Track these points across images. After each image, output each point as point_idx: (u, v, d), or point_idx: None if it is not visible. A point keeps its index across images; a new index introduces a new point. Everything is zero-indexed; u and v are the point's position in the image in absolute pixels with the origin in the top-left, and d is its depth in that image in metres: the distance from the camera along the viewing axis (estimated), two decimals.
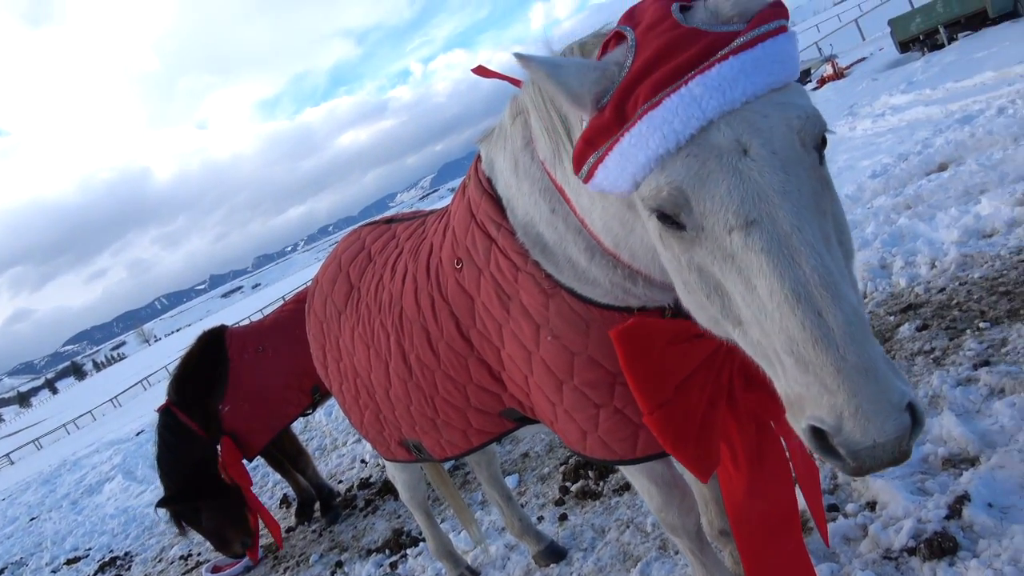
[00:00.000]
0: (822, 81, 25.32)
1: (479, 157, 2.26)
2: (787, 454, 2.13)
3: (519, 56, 1.33)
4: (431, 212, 3.00)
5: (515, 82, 2.11)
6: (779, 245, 1.15)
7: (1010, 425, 3.02)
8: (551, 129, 1.75)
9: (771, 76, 1.22)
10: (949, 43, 20.33)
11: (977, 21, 19.76)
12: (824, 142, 1.28)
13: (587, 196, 1.74)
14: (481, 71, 2.28)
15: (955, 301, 4.44)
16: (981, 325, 3.98)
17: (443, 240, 2.40)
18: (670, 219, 1.29)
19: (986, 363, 3.58)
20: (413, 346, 2.51)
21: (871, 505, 2.99)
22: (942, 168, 7.49)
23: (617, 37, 1.38)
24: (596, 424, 2.07)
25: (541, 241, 1.97)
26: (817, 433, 1.18)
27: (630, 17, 1.38)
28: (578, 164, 1.43)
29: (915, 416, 1.13)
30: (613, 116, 1.29)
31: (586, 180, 1.44)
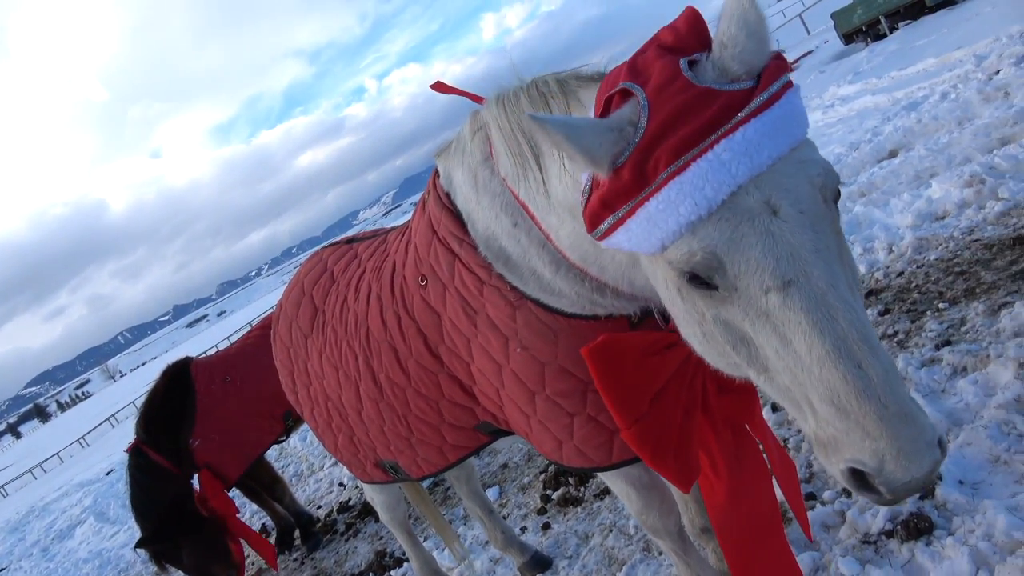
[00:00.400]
0: None
1: (437, 172, 2.25)
2: (763, 454, 2.15)
3: (533, 119, 1.28)
4: (392, 229, 2.98)
5: (474, 98, 2.11)
6: (817, 304, 1.18)
7: (974, 402, 3.08)
8: (517, 152, 1.75)
9: (791, 136, 1.25)
10: (891, 32, 20.82)
11: (916, 10, 20.27)
12: (839, 195, 1.31)
13: (555, 216, 1.75)
14: (440, 87, 2.28)
15: (914, 284, 4.54)
16: (940, 306, 4.07)
17: (406, 257, 2.39)
18: (699, 279, 1.29)
19: (947, 343, 3.66)
20: (382, 365, 2.49)
21: (847, 491, 3.02)
22: (892, 155, 7.67)
23: (624, 94, 1.34)
24: (571, 433, 2.06)
25: (504, 254, 1.97)
26: (856, 473, 1.23)
27: (635, 73, 1.34)
28: (593, 223, 1.41)
29: (942, 448, 1.20)
30: (633, 179, 1.27)
31: (601, 238, 1.42)
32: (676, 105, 1.23)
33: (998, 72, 8.52)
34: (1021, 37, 9.67)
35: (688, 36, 1.34)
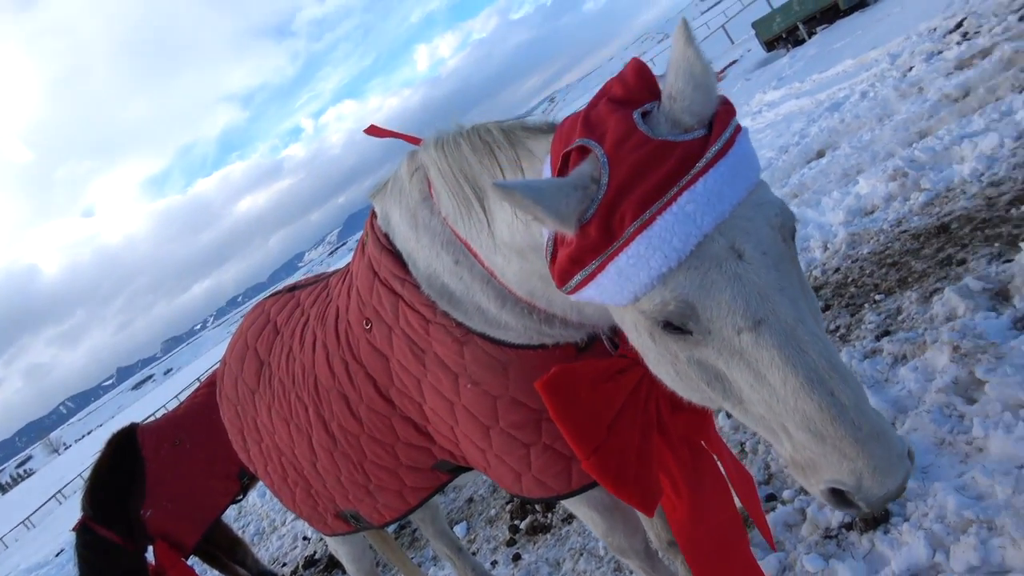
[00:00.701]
0: None
1: (374, 213, 2.25)
2: (721, 469, 2.18)
3: (497, 187, 1.29)
4: (334, 273, 2.95)
5: (410, 139, 2.12)
6: (787, 339, 1.23)
7: (916, 388, 3.17)
8: (460, 195, 1.77)
9: (747, 181, 1.30)
10: (809, 37, 21.68)
11: (831, 14, 21.17)
12: (795, 231, 1.37)
13: (501, 256, 1.77)
14: (374, 131, 2.28)
15: (850, 279, 4.68)
16: (876, 298, 4.20)
17: (348, 302, 2.37)
18: (673, 325, 1.32)
19: (886, 333, 3.77)
20: (333, 414, 2.45)
21: (803, 490, 3.07)
22: (820, 155, 7.93)
23: (581, 151, 1.36)
24: (528, 464, 2.06)
25: (447, 291, 1.97)
26: (835, 492, 1.28)
27: (590, 128, 1.36)
28: (562, 279, 1.42)
29: (911, 458, 1.27)
30: (600, 235, 1.29)
31: (571, 293, 1.43)
32: (635, 160, 1.26)
33: (911, 69, 8.92)
34: (929, 34, 10.15)
35: (637, 88, 1.37)
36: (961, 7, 10.14)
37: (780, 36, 23.27)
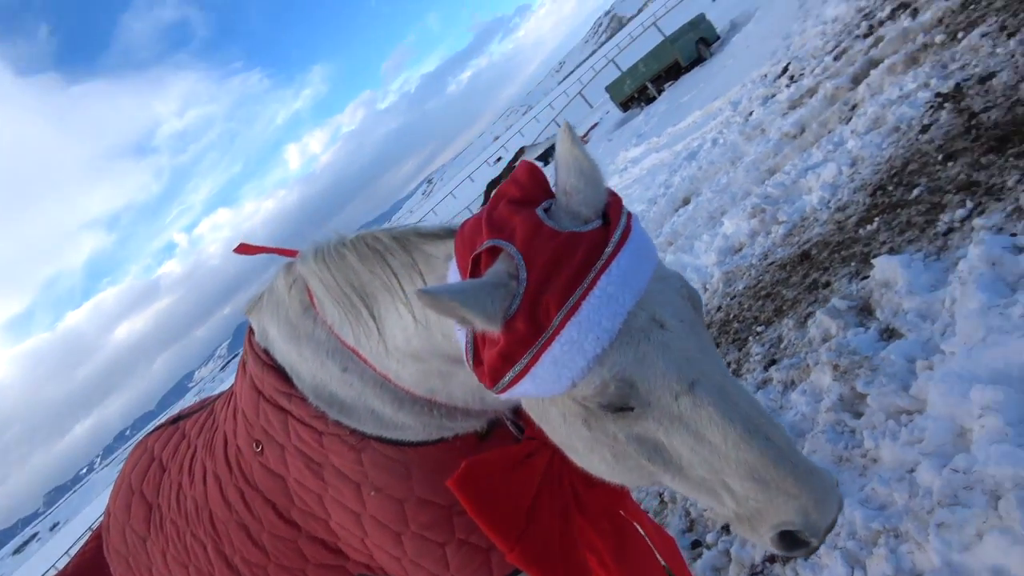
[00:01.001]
0: None
1: (251, 329, 2.18)
2: (644, 535, 2.18)
3: (421, 295, 1.29)
4: (218, 396, 2.81)
5: (285, 252, 2.08)
6: (720, 395, 1.30)
7: (808, 411, 3.33)
8: (347, 305, 1.76)
9: (651, 259, 1.39)
10: (659, 95, 23.23)
11: (674, 71, 22.85)
12: (700, 301, 1.47)
13: (395, 361, 1.75)
14: (244, 250, 2.22)
15: (732, 315, 4.91)
16: (758, 329, 4.42)
17: (235, 425, 2.25)
18: (615, 406, 1.34)
19: (773, 362, 3.97)
20: (235, 548, 2.29)
21: (726, 528, 3.13)
22: (686, 202, 8.41)
23: (491, 251, 1.39)
24: (446, 564, 1.99)
25: (337, 400, 1.91)
26: (785, 535, 1.32)
27: (496, 229, 1.39)
28: (493, 379, 1.41)
29: (837, 485, 1.34)
30: (528, 328, 1.31)
31: (503, 391, 1.43)
32: (550, 252, 1.31)
33: (752, 113, 9.69)
34: (762, 80, 11.10)
35: (532, 188, 1.44)
36: (784, 53, 11.19)
37: (632, 96, 24.83)
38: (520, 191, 1.45)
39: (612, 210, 1.39)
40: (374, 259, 1.76)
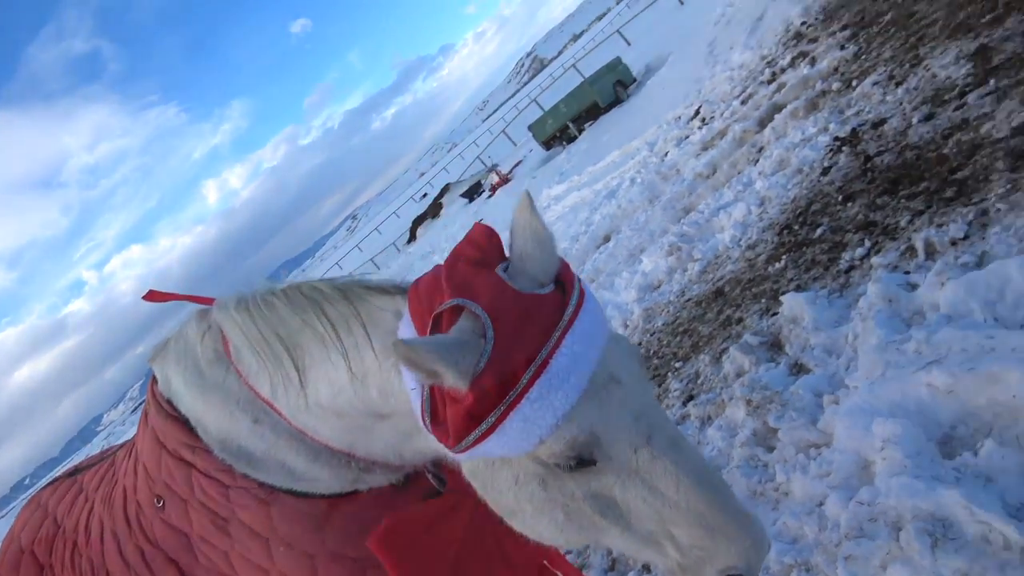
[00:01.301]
0: (493, 189, 28.06)
1: (155, 379, 2.08)
2: None
3: (398, 346, 1.29)
4: (121, 446, 2.66)
5: (199, 300, 1.99)
6: (673, 446, 1.36)
7: (724, 446, 3.41)
8: (267, 354, 1.71)
9: (604, 321, 1.45)
10: (580, 134, 23.83)
11: (594, 111, 23.51)
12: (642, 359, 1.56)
13: (314, 417, 1.71)
14: (154, 297, 2.12)
15: (652, 351, 5.01)
16: (677, 365, 4.52)
17: (136, 480, 2.13)
18: (579, 461, 1.36)
19: (691, 397, 4.05)
20: None
21: (646, 568, 3.14)
22: (607, 240, 8.59)
23: (456, 310, 1.40)
24: None
25: (246, 453, 1.84)
26: None
27: (459, 289, 1.41)
28: (458, 437, 1.40)
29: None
30: (496, 386, 1.32)
31: (466, 450, 1.41)
32: (516, 313, 1.34)
33: (667, 154, 10.03)
34: (676, 122, 11.54)
35: (490, 250, 1.48)
36: (696, 97, 11.68)
37: (555, 135, 25.38)
38: (479, 252, 1.48)
39: (565, 276, 1.45)
40: (309, 308, 1.71)
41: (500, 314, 1.36)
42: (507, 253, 1.49)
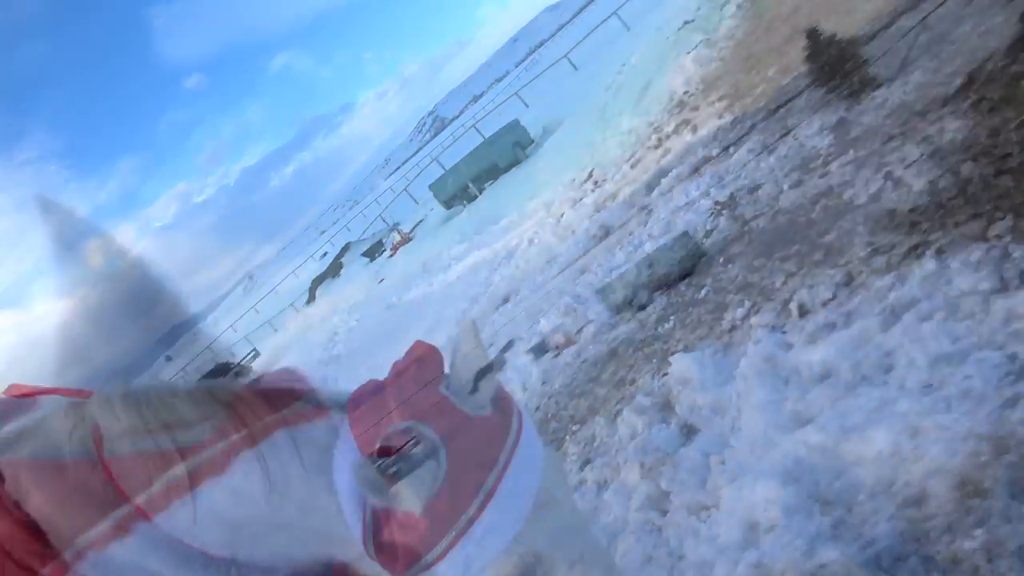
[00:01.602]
0: (395, 248, 27.90)
1: (3, 477, 1.88)
2: None
3: (360, 467, 1.32)
4: None
5: (74, 393, 1.84)
6: (601, 563, 1.43)
7: (620, 511, 3.41)
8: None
9: (540, 442, 1.47)
10: (480, 194, 24.18)
11: (494, 172, 23.98)
12: None
13: (201, 525, 1.60)
14: (16, 392, 1.94)
15: (550, 414, 5.02)
16: (574, 428, 4.54)
17: None
18: None
19: (588, 462, 4.06)
20: None
21: None
22: (506, 300, 8.66)
23: (407, 432, 1.40)
24: None
25: (104, 559, 1.69)
26: None
27: (410, 411, 1.43)
28: (408, 563, 1.39)
29: None
30: (450, 511, 1.33)
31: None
32: (465, 437, 1.35)
33: (563, 215, 10.31)
34: (571, 184, 11.92)
35: (433, 368, 1.48)
36: (589, 160, 12.14)
37: (455, 195, 25.65)
38: (423, 371, 1.49)
39: (503, 401, 1.48)
40: (205, 405, 1.62)
41: (452, 438, 1.38)
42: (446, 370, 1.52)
